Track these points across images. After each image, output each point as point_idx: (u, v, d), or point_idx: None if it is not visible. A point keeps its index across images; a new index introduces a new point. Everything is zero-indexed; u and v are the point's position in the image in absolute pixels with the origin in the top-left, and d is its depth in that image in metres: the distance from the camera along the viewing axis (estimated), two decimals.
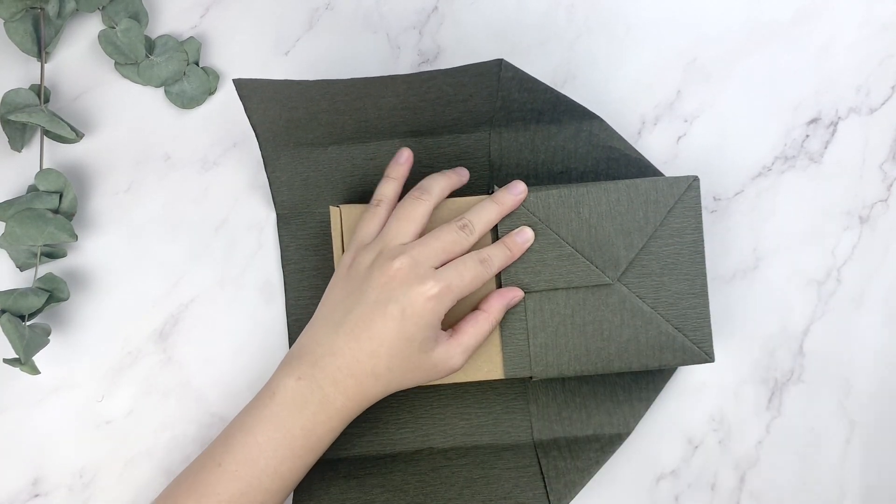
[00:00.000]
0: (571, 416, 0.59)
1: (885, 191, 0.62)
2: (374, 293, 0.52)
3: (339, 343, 0.52)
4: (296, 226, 0.60)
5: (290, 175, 0.60)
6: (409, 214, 0.54)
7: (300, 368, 0.52)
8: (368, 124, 0.58)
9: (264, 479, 0.50)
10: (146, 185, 0.62)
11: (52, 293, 0.59)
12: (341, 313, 0.53)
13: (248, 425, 0.52)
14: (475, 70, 0.54)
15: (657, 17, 0.63)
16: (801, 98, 0.63)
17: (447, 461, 0.58)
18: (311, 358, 0.52)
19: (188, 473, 0.52)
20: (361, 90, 0.55)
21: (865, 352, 0.61)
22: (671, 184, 0.55)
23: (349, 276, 0.54)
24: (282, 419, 0.51)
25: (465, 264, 0.53)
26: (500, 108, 0.57)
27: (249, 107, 0.56)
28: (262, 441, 0.51)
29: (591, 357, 0.55)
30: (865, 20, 0.63)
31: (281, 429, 0.51)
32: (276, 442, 0.51)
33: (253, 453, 0.51)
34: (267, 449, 0.51)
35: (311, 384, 0.51)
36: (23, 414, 0.60)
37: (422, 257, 0.52)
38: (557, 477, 0.57)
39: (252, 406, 0.53)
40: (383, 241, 0.53)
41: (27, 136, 0.61)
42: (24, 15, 0.60)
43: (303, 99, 0.55)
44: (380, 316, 0.51)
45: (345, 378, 0.52)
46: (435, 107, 0.57)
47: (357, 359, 0.51)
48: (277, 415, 0.51)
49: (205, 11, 0.63)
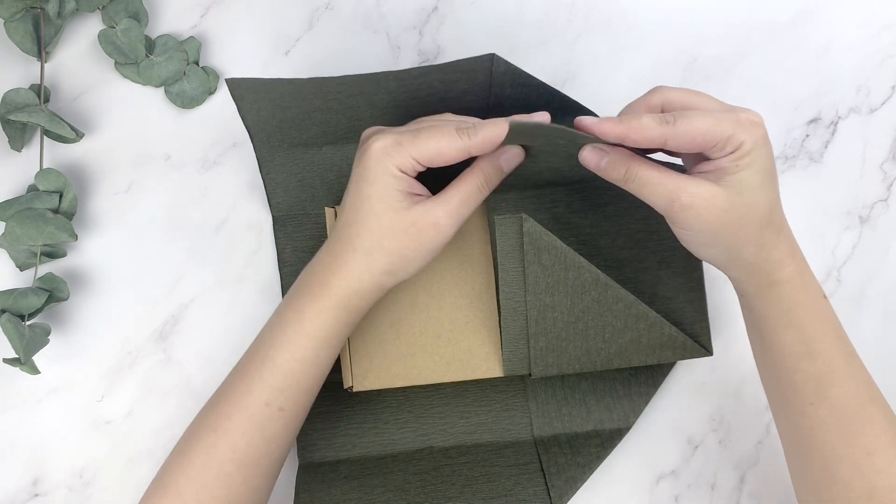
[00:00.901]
0: (571, 412, 0.59)
1: (885, 191, 0.62)
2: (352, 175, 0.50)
3: (338, 245, 0.51)
4: (292, 227, 0.60)
5: (286, 176, 0.60)
6: (434, 125, 0.48)
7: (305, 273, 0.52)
8: (362, 122, 0.58)
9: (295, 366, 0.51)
10: (146, 185, 0.62)
11: (52, 293, 0.59)
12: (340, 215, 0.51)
13: (264, 337, 0.52)
14: (467, 66, 0.54)
15: (657, 17, 0.63)
16: (801, 98, 0.63)
17: (448, 460, 0.58)
18: (323, 267, 0.51)
19: (224, 386, 0.53)
20: (354, 88, 0.55)
21: (865, 352, 0.61)
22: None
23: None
24: (288, 314, 0.51)
25: (438, 127, 0.48)
26: (494, 104, 0.57)
27: (243, 107, 0.56)
28: (278, 342, 0.51)
29: (592, 357, 0.55)
30: (865, 20, 0.63)
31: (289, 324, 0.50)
32: (287, 337, 0.50)
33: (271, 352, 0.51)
34: (282, 345, 0.51)
35: (305, 275, 0.51)
36: (23, 414, 0.60)
37: (405, 139, 0.48)
38: (558, 473, 0.57)
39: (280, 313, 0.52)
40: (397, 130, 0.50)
41: (27, 135, 0.61)
42: (24, 15, 0.60)
43: (296, 98, 0.55)
44: (351, 187, 0.50)
45: (326, 257, 0.51)
46: (428, 104, 0.57)
47: (336, 234, 0.51)
48: (283, 311, 0.51)
49: (205, 11, 0.63)
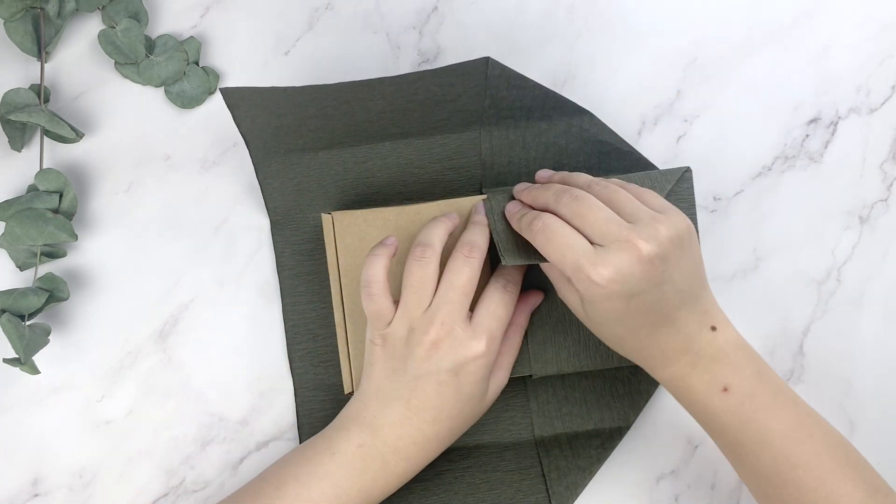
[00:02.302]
0: (572, 411, 0.59)
1: (885, 191, 0.62)
2: (422, 367, 0.51)
3: (395, 416, 0.52)
4: (290, 231, 0.60)
5: (282, 181, 0.60)
6: (422, 281, 0.52)
7: (360, 436, 0.52)
8: (358, 128, 0.58)
9: None
10: (146, 185, 0.62)
11: (52, 293, 0.59)
12: (389, 388, 0.52)
13: (304, 480, 0.51)
14: (462, 69, 0.54)
15: (657, 17, 0.63)
16: (801, 98, 0.63)
17: (450, 464, 0.58)
18: (371, 427, 0.52)
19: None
20: (349, 94, 0.55)
21: (865, 352, 0.61)
22: (664, 176, 0.55)
23: (386, 353, 0.52)
24: (339, 480, 0.51)
25: (495, 301, 0.52)
26: (489, 106, 0.57)
27: (238, 115, 0.56)
28: (315, 497, 0.50)
29: (590, 352, 0.56)
30: (865, 20, 0.63)
31: (337, 489, 0.50)
32: (330, 500, 0.50)
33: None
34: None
35: (371, 452, 0.51)
36: (23, 414, 0.60)
37: (451, 316, 0.51)
38: (559, 479, 0.57)
39: (307, 459, 0.52)
40: (408, 313, 0.52)
41: (27, 135, 0.61)
42: (24, 15, 0.60)
43: (291, 105, 0.55)
44: (433, 386, 0.51)
45: (406, 446, 0.51)
46: (424, 108, 0.57)
47: (419, 427, 0.51)
48: (335, 474, 0.51)
49: (205, 11, 0.63)
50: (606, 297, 0.47)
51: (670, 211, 0.49)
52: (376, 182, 0.59)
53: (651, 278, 0.47)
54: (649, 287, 0.47)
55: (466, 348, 0.51)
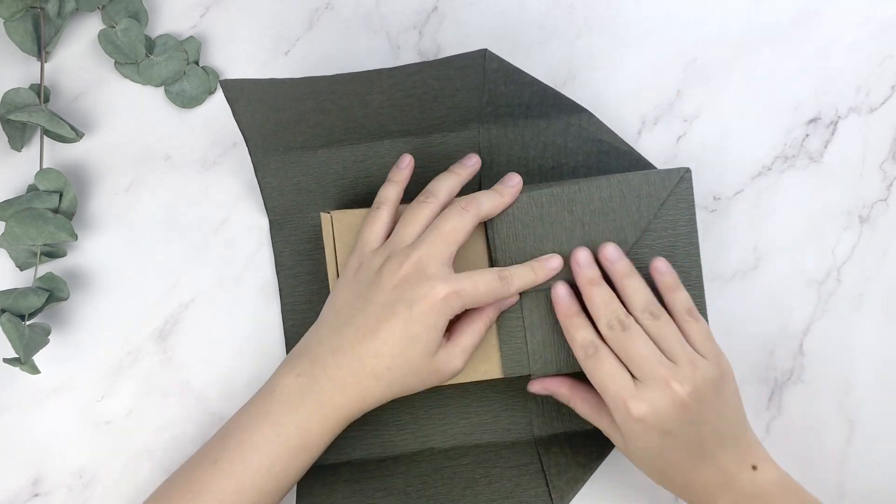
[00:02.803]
0: (571, 411, 0.59)
1: (885, 190, 0.62)
2: (383, 296, 0.52)
3: (342, 342, 0.52)
4: (289, 231, 0.60)
5: (281, 180, 0.59)
6: (414, 218, 0.54)
7: (300, 366, 0.52)
8: (357, 124, 0.58)
9: (258, 478, 0.50)
10: (146, 184, 0.62)
11: (52, 293, 0.59)
12: (347, 314, 0.53)
13: (245, 423, 0.52)
14: (460, 62, 0.54)
15: (657, 17, 0.63)
16: (801, 98, 0.63)
17: (448, 461, 0.58)
18: (312, 356, 0.52)
19: (184, 471, 0.52)
20: (347, 86, 0.55)
21: (865, 352, 0.61)
22: (663, 176, 0.55)
23: (356, 280, 0.54)
24: (278, 416, 0.51)
25: (483, 276, 0.53)
26: (488, 102, 0.57)
27: (237, 109, 0.56)
28: (257, 439, 0.51)
29: None
30: (865, 20, 0.63)
31: (276, 426, 0.51)
32: (270, 440, 0.51)
33: (247, 451, 0.51)
34: (261, 446, 0.51)
35: (309, 381, 0.51)
36: (23, 414, 0.60)
37: (428, 256, 0.52)
38: (559, 474, 0.57)
39: (250, 403, 0.53)
40: (391, 246, 0.53)
41: (27, 135, 0.61)
42: (24, 14, 0.60)
43: (289, 98, 0.55)
44: (387, 316, 0.51)
45: (344, 376, 0.51)
46: (422, 103, 0.57)
47: (359, 357, 0.51)
48: (274, 412, 0.51)
49: (205, 11, 0.63)
50: (643, 431, 0.50)
51: (711, 353, 0.52)
52: (375, 181, 0.59)
53: (685, 417, 0.50)
54: (684, 426, 0.50)
55: (430, 286, 0.51)
